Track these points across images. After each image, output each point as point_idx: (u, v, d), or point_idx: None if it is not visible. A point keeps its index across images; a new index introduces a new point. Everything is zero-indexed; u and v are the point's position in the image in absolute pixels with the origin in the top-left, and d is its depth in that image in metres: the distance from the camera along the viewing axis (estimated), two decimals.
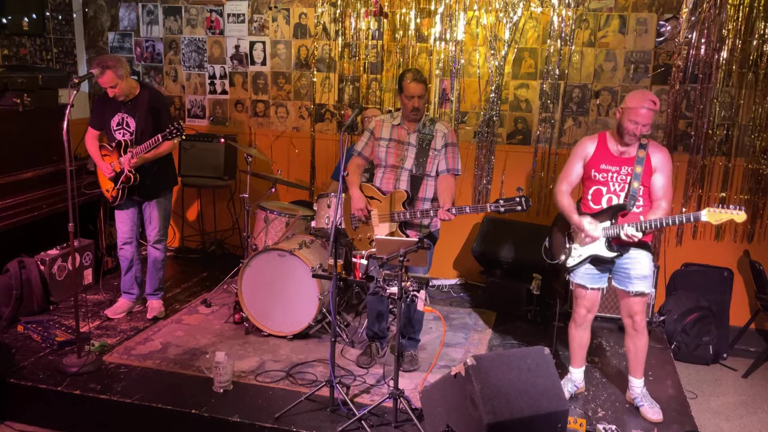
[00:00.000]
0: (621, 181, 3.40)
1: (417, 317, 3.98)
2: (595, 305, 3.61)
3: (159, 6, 5.87)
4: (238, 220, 5.99)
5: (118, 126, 4.28)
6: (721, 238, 4.96)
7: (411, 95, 3.71)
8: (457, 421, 3.00)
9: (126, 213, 4.46)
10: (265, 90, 5.79)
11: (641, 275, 3.45)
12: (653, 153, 3.38)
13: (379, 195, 3.85)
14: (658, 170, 3.38)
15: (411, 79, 3.70)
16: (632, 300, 3.49)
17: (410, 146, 3.80)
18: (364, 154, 3.95)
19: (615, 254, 3.42)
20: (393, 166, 3.82)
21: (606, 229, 3.39)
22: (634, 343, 3.58)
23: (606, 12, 4.93)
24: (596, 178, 3.44)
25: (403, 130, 3.83)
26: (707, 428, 3.85)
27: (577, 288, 3.58)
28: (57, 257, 4.75)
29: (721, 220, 3.14)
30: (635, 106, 3.26)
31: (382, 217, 3.81)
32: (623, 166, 3.39)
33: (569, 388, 3.68)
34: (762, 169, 4.80)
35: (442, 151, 3.79)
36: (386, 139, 3.85)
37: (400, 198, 3.76)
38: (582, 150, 3.50)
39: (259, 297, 4.28)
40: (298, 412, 3.40)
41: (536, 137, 5.21)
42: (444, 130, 3.81)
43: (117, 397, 3.55)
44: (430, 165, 3.78)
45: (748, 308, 4.93)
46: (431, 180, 3.81)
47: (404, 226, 3.79)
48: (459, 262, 5.58)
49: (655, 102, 3.28)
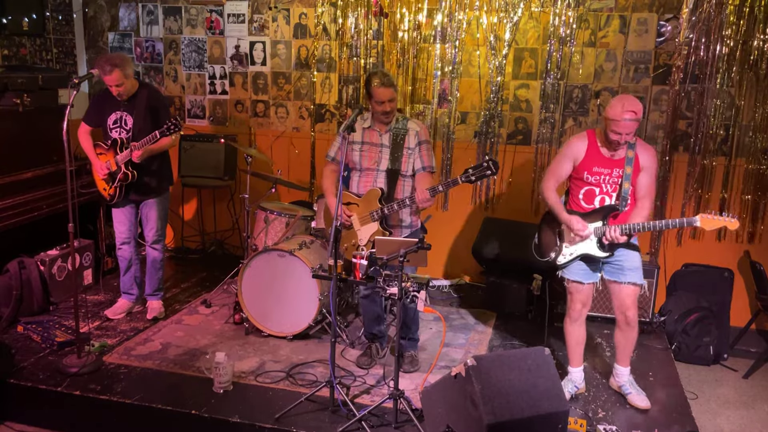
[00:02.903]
0: (613, 183, 3.45)
1: (413, 317, 3.95)
2: (589, 299, 3.64)
3: (159, 6, 5.86)
4: (238, 220, 5.99)
5: (115, 124, 4.27)
6: (722, 239, 4.95)
7: (381, 100, 3.62)
8: (457, 421, 2.99)
9: (123, 213, 4.45)
10: (265, 90, 5.78)
11: (633, 266, 3.50)
12: (641, 153, 3.43)
13: (355, 199, 3.80)
14: (645, 169, 3.43)
15: (379, 84, 3.59)
16: (625, 292, 3.52)
17: (384, 147, 3.74)
18: (337, 159, 3.87)
19: (606, 254, 3.46)
20: (368, 168, 3.78)
21: (597, 229, 3.43)
22: (625, 336, 3.64)
23: (606, 12, 4.92)
24: (588, 180, 3.48)
25: (375, 133, 3.77)
26: (708, 428, 3.85)
27: (572, 284, 3.60)
28: (57, 257, 4.75)
29: (715, 227, 3.19)
30: (616, 118, 3.26)
31: (363, 220, 3.76)
32: (614, 168, 3.43)
33: (570, 389, 3.68)
34: (762, 170, 4.79)
35: (416, 150, 3.73)
36: (358, 142, 3.79)
37: (375, 195, 3.71)
38: (573, 150, 3.51)
39: (259, 297, 4.28)
40: (298, 413, 3.39)
41: (537, 137, 5.20)
42: (416, 128, 3.75)
43: (117, 397, 3.54)
44: (405, 163, 3.72)
45: (749, 309, 4.92)
46: (408, 180, 3.76)
47: (387, 225, 3.73)
48: (459, 262, 5.57)
49: (636, 111, 3.25)
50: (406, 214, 3.76)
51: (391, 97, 3.64)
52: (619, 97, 3.39)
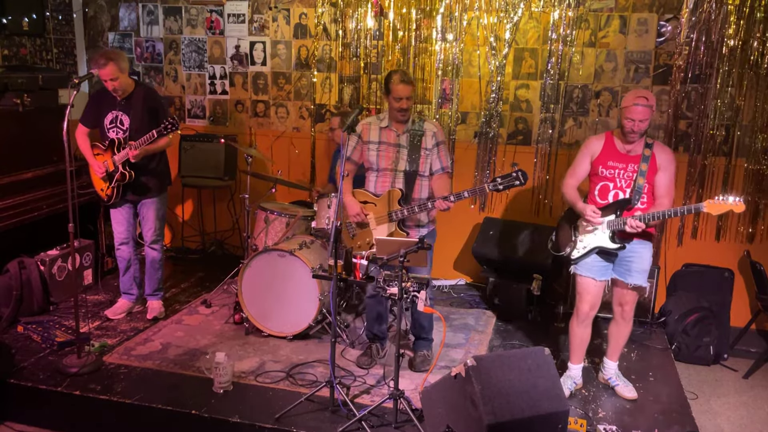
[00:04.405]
0: (627, 177, 3.50)
1: (426, 317, 3.98)
2: (598, 301, 3.66)
3: (159, 6, 5.86)
4: (238, 220, 5.99)
5: (112, 124, 4.27)
6: (722, 239, 4.95)
7: (399, 97, 3.68)
8: (457, 421, 2.99)
9: (121, 213, 4.45)
10: (265, 90, 5.78)
11: (642, 269, 3.56)
12: (659, 153, 3.50)
13: (372, 198, 3.84)
14: (663, 169, 3.49)
15: (399, 80, 3.68)
16: (628, 291, 3.61)
17: (401, 148, 3.78)
18: (353, 159, 3.91)
19: (618, 246, 3.49)
20: (386, 169, 3.81)
21: (611, 222, 3.46)
22: (619, 330, 3.73)
23: (606, 12, 4.92)
24: (603, 174, 3.54)
25: (392, 132, 3.80)
26: (708, 429, 3.85)
27: (583, 280, 3.61)
28: (57, 257, 4.75)
29: (721, 211, 3.24)
30: (628, 105, 3.39)
31: (379, 219, 3.79)
32: (629, 164, 3.50)
33: (569, 385, 3.71)
34: (763, 170, 4.79)
35: (434, 150, 3.78)
36: (375, 142, 3.83)
37: (396, 196, 3.75)
38: (590, 147, 3.60)
39: (259, 297, 4.28)
40: (298, 413, 3.39)
41: (537, 137, 5.20)
42: (433, 129, 3.80)
43: (117, 397, 3.54)
44: (423, 164, 3.76)
45: (749, 309, 4.92)
46: (425, 180, 3.80)
47: (404, 226, 3.78)
48: (459, 263, 5.57)
49: (648, 98, 3.37)
50: (424, 216, 3.80)
51: (409, 95, 3.70)
52: (634, 89, 3.57)
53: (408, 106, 3.72)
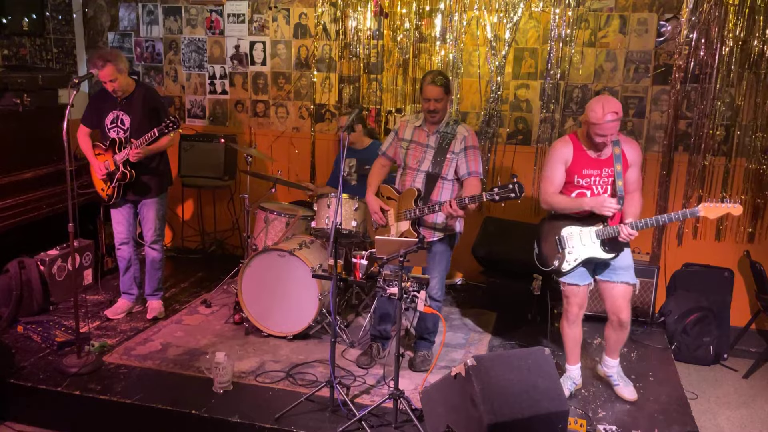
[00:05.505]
0: (603, 183, 3.44)
1: (432, 319, 3.98)
2: (585, 301, 3.65)
3: (159, 6, 5.86)
4: (238, 220, 5.99)
5: (112, 124, 4.27)
6: (722, 239, 4.95)
7: (427, 98, 3.70)
8: (457, 421, 2.99)
9: (122, 213, 4.45)
10: (265, 90, 5.78)
11: (625, 265, 3.52)
12: (627, 149, 3.44)
13: (395, 195, 3.91)
14: (633, 164, 3.46)
15: (428, 81, 3.70)
16: (617, 292, 3.53)
17: (429, 148, 3.79)
18: (388, 154, 3.99)
19: (611, 255, 3.44)
20: (411, 167, 3.84)
21: (599, 231, 3.41)
22: (617, 335, 3.67)
23: (606, 12, 4.92)
24: (579, 184, 3.46)
25: (423, 132, 3.83)
26: (708, 428, 3.85)
27: (569, 287, 3.59)
28: (57, 257, 4.75)
29: (718, 214, 3.19)
30: (599, 122, 3.25)
31: (398, 216, 3.85)
32: (603, 168, 3.43)
33: (569, 386, 3.70)
34: (763, 169, 4.79)
35: (461, 155, 3.75)
36: (407, 140, 3.87)
37: (411, 195, 3.78)
38: (561, 154, 3.47)
39: (259, 297, 4.28)
40: (298, 413, 3.39)
41: (537, 137, 5.20)
42: (465, 133, 3.77)
43: (117, 397, 3.54)
44: (447, 167, 3.75)
45: (749, 308, 4.92)
46: (447, 183, 3.79)
47: (417, 226, 3.78)
48: (459, 262, 5.55)
49: (617, 111, 3.25)
50: (441, 217, 3.77)
51: (438, 97, 3.68)
52: (596, 99, 3.33)
53: (436, 108, 3.71)
